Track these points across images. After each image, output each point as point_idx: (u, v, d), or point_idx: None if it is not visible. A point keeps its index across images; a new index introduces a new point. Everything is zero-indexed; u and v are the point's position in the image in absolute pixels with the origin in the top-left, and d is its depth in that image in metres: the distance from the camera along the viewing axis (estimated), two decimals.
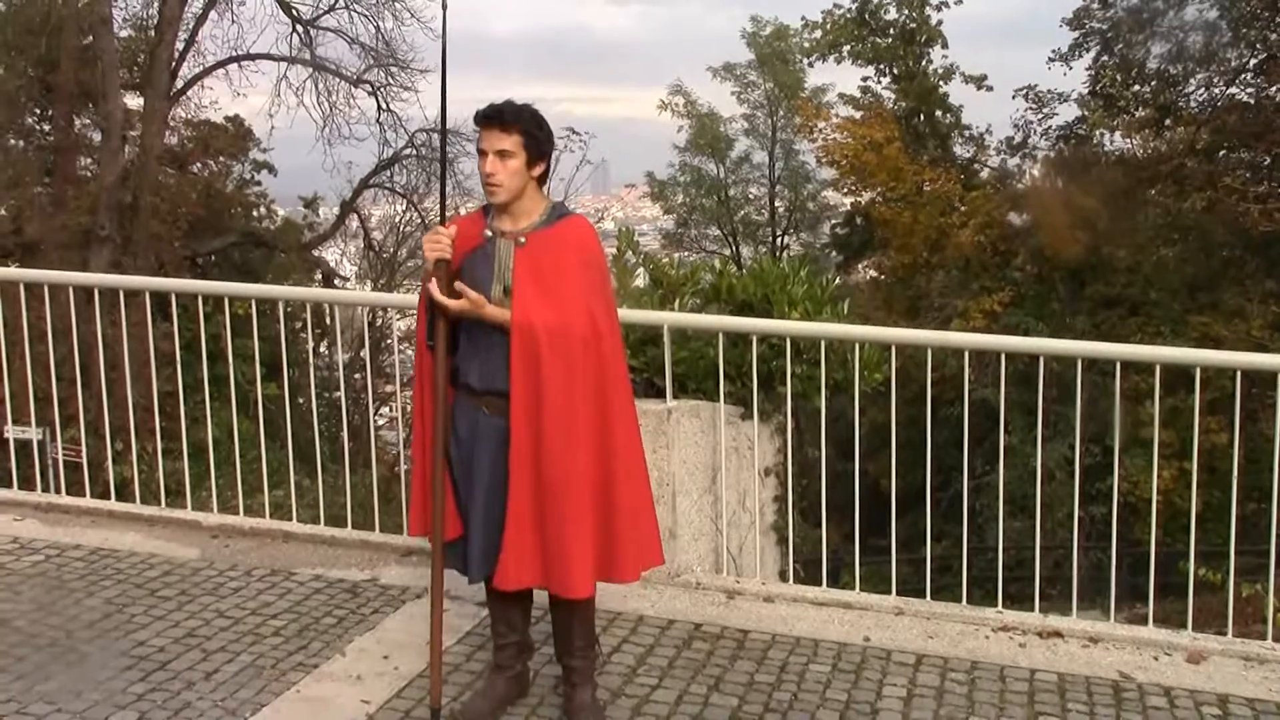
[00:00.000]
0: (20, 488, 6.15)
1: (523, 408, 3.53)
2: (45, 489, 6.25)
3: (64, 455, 6.97)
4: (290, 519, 5.79)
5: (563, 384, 3.53)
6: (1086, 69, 21.90)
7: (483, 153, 3.54)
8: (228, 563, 5.22)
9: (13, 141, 17.58)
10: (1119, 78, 21.25)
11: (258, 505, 6.14)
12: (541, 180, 3.67)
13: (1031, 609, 4.92)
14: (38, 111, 18.30)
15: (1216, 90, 20.78)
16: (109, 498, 6.02)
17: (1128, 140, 22.03)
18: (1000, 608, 4.88)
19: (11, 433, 6.54)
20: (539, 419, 3.53)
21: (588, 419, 3.57)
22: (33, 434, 6.56)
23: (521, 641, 3.94)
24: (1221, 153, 20.83)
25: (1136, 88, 21.39)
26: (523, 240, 3.59)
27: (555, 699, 3.97)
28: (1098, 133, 21.88)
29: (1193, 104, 21.11)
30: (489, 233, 3.64)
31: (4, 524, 5.61)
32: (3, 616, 4.54)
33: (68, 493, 6.07)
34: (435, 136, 20.94)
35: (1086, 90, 21.84)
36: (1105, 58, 21.59)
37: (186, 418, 6.09)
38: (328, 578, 5.04)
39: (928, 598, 4.96)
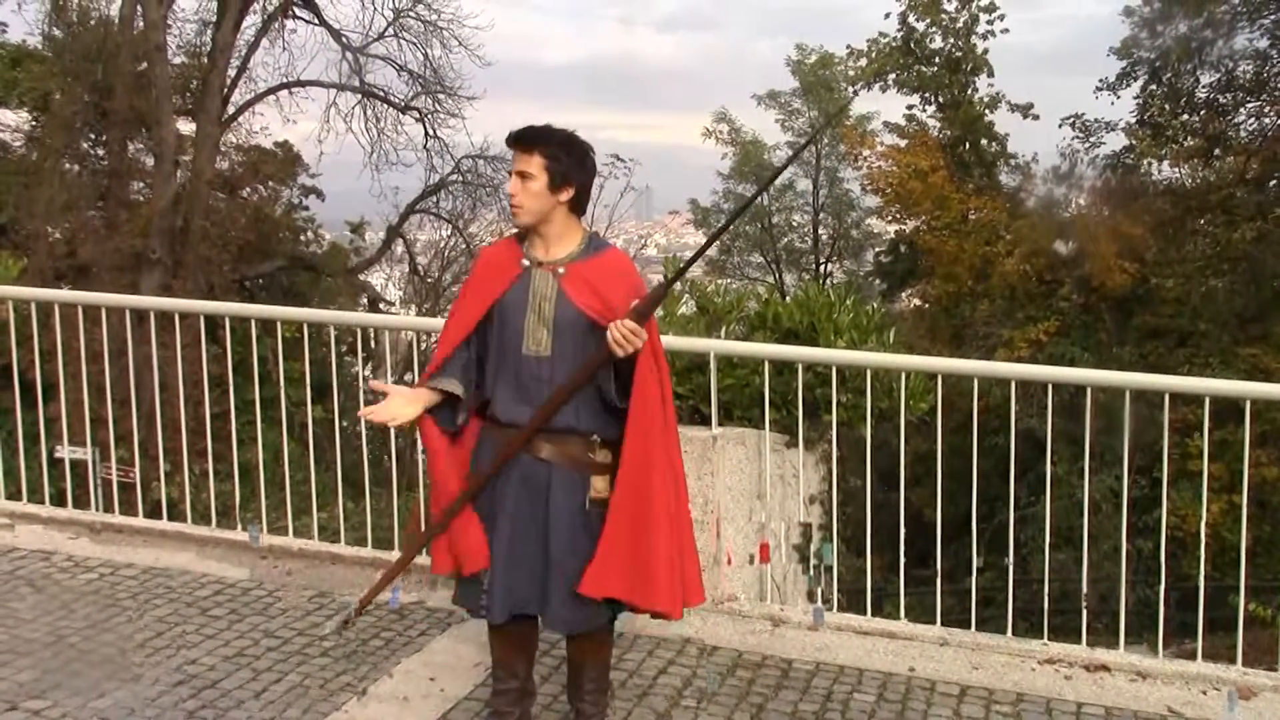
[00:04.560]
0: (75, 506, 6.26)
1: (639, 427, 3.49)
2: (99, 508, 6.35)
3: (116, 476, 7.06)
4: (338, 541, 5.86)
5: (660, 407, 3.54)
6: (1134, 98, 21.79)
7: (509, 174, 3.57)
8: (277, 583, 5.29)
9: (68, 166, 17.87)
10: (1167, 107, 21.11)
11: (305, 527, 6.20)
12: (576, 207, 3.60)
13: (1077, 642, 4.88)
14: (92, 136, 18.61)
15: (1267, 120, 20.60)
16: (161, 517, 6.11)
17: (1176, 170, 21.86)
18: (1046, 640, 4.86)
19: (65, 452, 6.63)
20: (649, 439, 3.50)
21: (664, 446, 3.58)
22: (84, 454, 6.65)
23: (521, 687, 3.84)
24: (1272, 183, 20.63)
25: (1185, 117, 21.24)
26: (562, 270, 3.55)
27: None
28: (1145, 162, 21.72)
29: (1243, 133, 20.94)
30: (525, 262, 3.60)
31: (59, 542, 5.71)
32: (58, 633, 4.62)
33: (121, 512, 6.15)
34: (481, 163, 21.15)
35: (1134, 119, 21.71)
36: (1153, 87, 21.47)
37: (235, 439, 6.18)
38: (375, 600, 5.08)
39: (973, 629, 4.94)
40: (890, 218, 25.13)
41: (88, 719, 3.94)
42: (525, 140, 3.54)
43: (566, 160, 3.54)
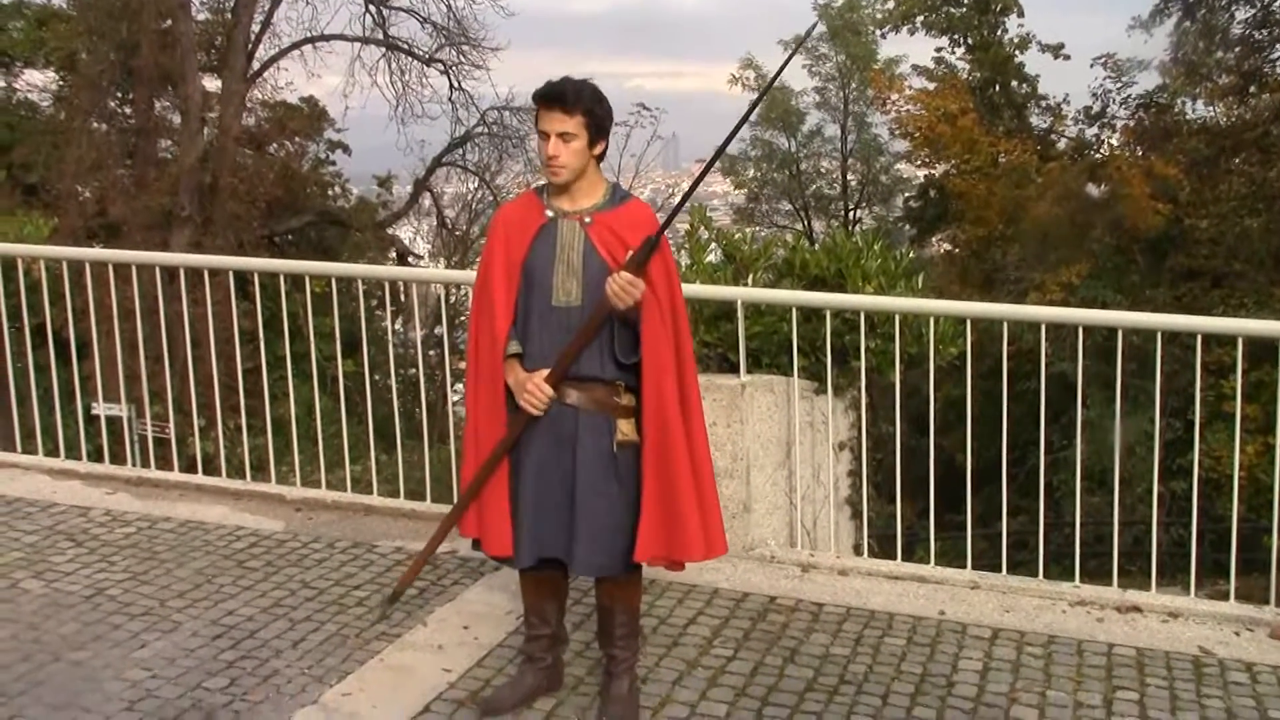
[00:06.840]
0: (112, 462, 6.34)
1: (652, 384, 3.52)
2: (135, 464, 6.43)
3: (151, 432, 7.15)
4: (371, 493, 5.91)
5: (671, 359, 3.56)
6: (1168, 35, 21.41)
7: (544, 134, 3.50)
8: (311, 535, 5.35)
9: (95, 125, 17.92)
10: (1201, 44, 20.74)
11: (339, 480, 6.27)
12: (600, 158, 3.63)
13: (1109, 584, 4.88)
14: (119, 95, 18.63)
15: None
16: (196, 472, 6.18)
17: (1210, 108, 21.51)
18: (1078, 582, 4.86)
19: (102, 409, 6.72)
20: (662, 396, 3.53)
21: (680, 396, 3.59)
22: (120, 410, 6.74)
23: (554, 634, 3.88)
24: None
25: (1220, 54, 20.87)
26: (589, 220, 3.56)
27: (587, 687, 3.96)
28: (1179, 101, 21.38)
29: (1279, 70, 20.56)
30: (550, 213, 3.59)
31: (97, 497, 5.79)
32: (98, 586, 4.70)
33: (157, 467, 6.23)
34: (507, 114, 21.10)
35: (1168, 57, 21.36)
36: (1187, 23, 21.08)
37: (268, 394, 6.24)
38: (408, 550, 5.14)
39: (1004, 572, 4.95)
40: (919, 162, 24.88)
41: (130, 669, 4.01)
42: (567, 100, 3.49)
43: (600, 114, 3.56)
